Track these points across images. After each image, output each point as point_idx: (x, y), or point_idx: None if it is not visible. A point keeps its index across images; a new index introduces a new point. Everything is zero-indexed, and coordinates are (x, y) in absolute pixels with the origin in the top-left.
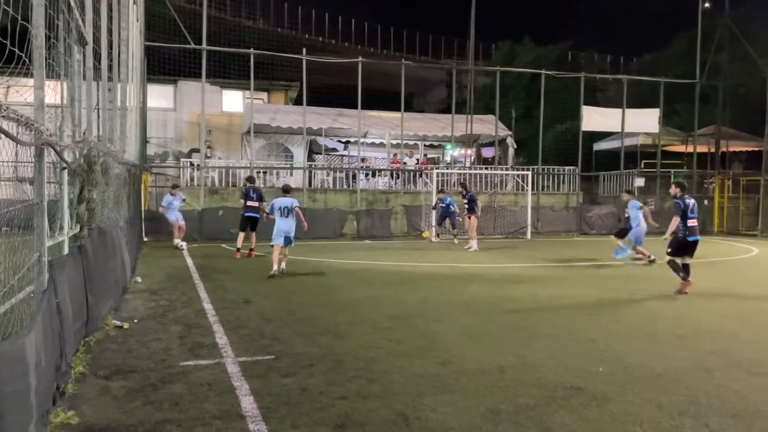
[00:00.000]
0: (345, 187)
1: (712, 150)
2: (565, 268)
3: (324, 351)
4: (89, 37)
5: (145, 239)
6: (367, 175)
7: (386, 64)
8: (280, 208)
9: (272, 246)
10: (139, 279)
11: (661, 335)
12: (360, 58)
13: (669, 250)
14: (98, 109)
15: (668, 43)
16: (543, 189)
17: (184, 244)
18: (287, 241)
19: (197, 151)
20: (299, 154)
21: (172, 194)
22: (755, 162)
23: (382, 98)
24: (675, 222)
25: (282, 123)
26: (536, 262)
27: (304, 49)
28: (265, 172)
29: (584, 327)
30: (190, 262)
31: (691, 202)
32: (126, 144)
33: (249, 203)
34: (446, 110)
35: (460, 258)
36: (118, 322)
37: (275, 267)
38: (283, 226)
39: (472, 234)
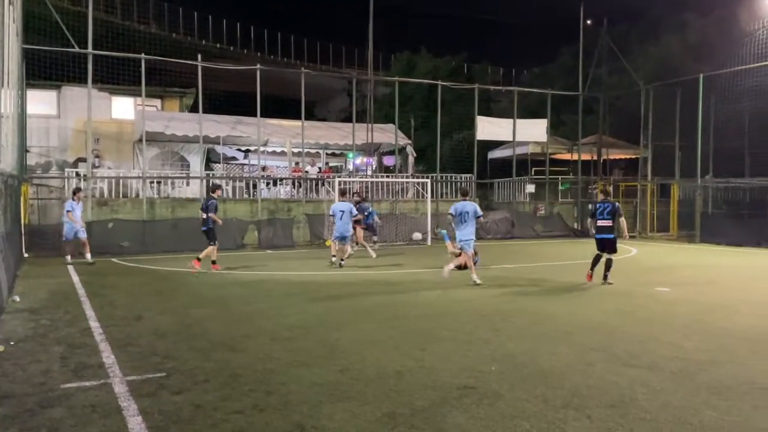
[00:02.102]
0: (245, 196)
1: (595, 158)
2: (463, 272)
3: (220, 365)
4: None
5: (26, 255)
6: (268, 184)
7: (285, 71)
8: (460, 214)
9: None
10: (17, 298)
11: (549, 333)
12: (258, 65)
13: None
14: None
15: (555, 57)
16: (442, 196)
17: (88, 256)
18: (466, 246)
19: (84, 160)
20: (196, 163)
21: (74, 200)
22: (633, 169)
23: (282, 106)
24: (589, 221)
25: (177, 131)
26: (436, 267)
27: (199, 55)
28: (159, 182)
29: (479, 328)
30: (76, 278)
31: (602, 205)
32: (1, 153)
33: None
34: (348, 119)
35: (363, 265)
36: None
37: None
38: (458, 231)
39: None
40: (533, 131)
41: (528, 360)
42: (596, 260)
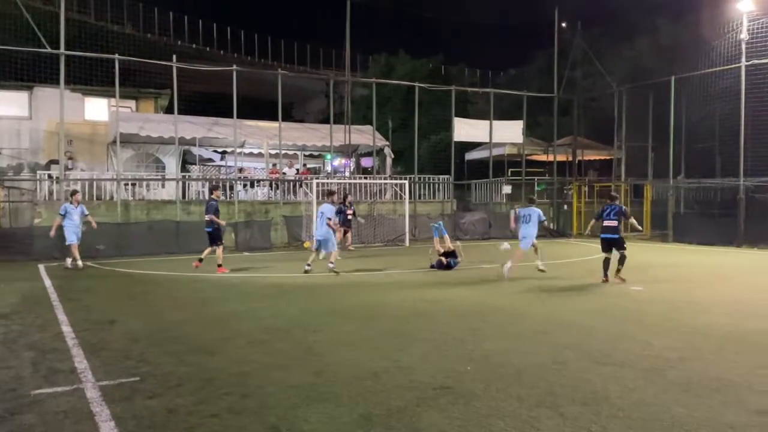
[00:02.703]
0: (222, 198)
1: (570, 159)
2: (440, 273)
3: (195, 369)
4: None
5: None
6: (245, 185)
7: (262, 72)
8: (524, 216)
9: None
10: None
11: (524, 333)
12: (234, 66)
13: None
14: None
15: (530, 59)
16: (419, 197)
17: (71, 261)
18: (526, 245)
19: (56, 162)
20: (172, 165)
21: (71, 202)
22: (607, 169)
23: (259, 107)
24: (591, 222)
25: (152, 132)
26: (414, 268)
27: (174, 56)
28: (134, 184)
29: (456, 329)
30: (48, 282)
31: (609, 207)
32: None
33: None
34: (326, 120)
35: (341, 267)
36: None
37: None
38: (524, 230)
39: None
40: (509, 133)
41: (503, 359)
42: (606, 263)
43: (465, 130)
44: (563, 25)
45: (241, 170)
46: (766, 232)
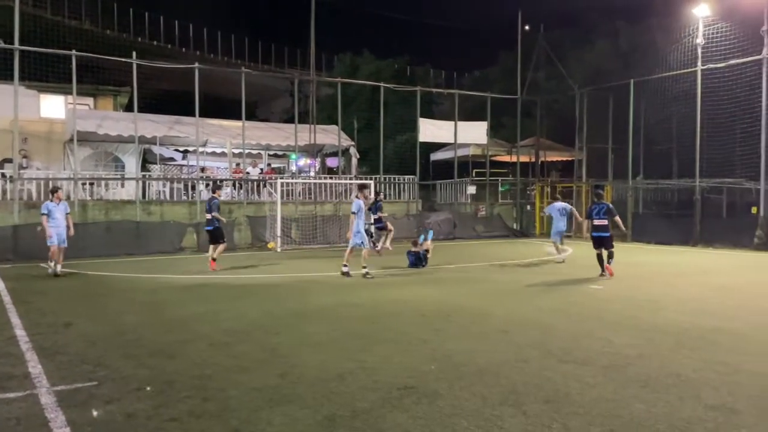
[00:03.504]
0: (183, 198)
1: (533, 160)
2: (406, 273)
3: (154, 372)
4: None
5: None
6: (207, 185)
7: (225, 71)
8: (558, 210)
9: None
10: None
11: (488, 332)
12: (197, 64)
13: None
14: None
15: (495, 61)
16: (385, 197)
17: (59, 267)
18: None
19: (10, 161)
20: (131, 164)
21: (51, 200)
22: (569, 170)
23: (223, 106)
24: (584, 222)
25: (111, 131)
26: (380, 268)
27: (134, 53)
28: (92, 184)
29: (420, 329)
30: (0, 285)
31: (597, 206)
32: None
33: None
34: (291, 120)
35: (306, 268)
36: None
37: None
38: (560, 225)
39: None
40: (474, 133)
41: (466, 359)
42: (600, 258)
43: (430, 130)
44: (526, 27)
45: (203, 170)
46: (721, 232)
